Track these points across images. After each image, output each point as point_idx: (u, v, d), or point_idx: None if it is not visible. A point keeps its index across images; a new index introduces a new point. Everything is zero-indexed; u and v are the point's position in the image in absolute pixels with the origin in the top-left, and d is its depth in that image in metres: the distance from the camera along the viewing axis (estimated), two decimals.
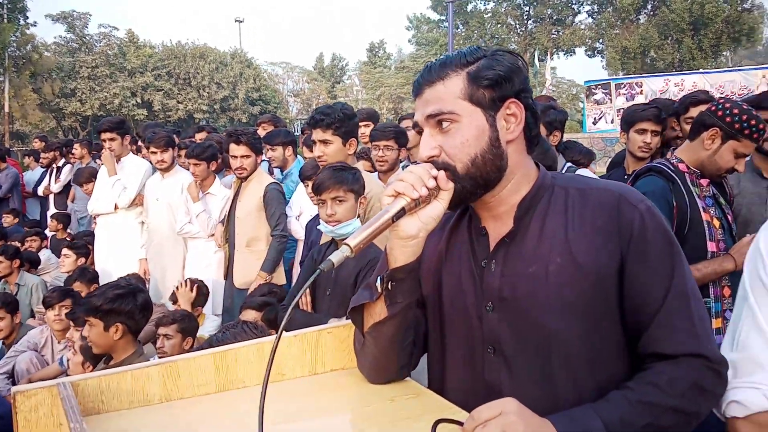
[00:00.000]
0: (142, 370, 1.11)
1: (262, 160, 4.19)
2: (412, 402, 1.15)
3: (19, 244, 6.27)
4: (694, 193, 2.38)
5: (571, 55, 37.69)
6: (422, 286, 1.20)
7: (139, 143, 6.47)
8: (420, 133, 1.13)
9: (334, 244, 2.59)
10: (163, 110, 34.59)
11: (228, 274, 4.11)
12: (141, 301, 2.61)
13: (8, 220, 7.39)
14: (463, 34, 37.99)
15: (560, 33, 36.81)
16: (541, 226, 1.10)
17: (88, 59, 33.36)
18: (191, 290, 3.87)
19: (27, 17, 29.04)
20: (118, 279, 3.20)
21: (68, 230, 6.95)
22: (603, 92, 20.49)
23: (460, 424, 0.94)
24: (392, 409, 1.12)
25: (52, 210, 7.59)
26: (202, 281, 4.07)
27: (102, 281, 4.35)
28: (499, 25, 38.52)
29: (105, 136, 4.87)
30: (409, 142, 3.95)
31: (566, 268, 1.06)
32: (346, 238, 1.04)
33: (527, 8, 37.94)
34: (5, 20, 26.74)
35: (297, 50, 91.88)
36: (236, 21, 41.18)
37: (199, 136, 6.08)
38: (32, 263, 5.69)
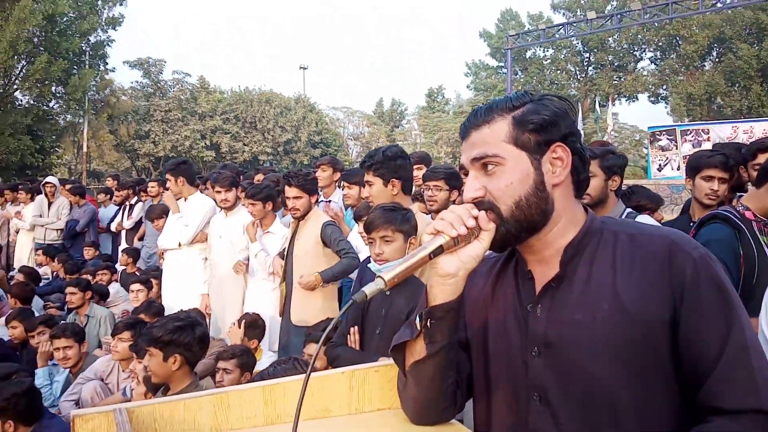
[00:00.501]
0: (195, 400, 1.14)
1: (318, 201, 4.27)
2: None
3: (90, 277, 6.60)
4: (762, 242, 2.28)
5: (633, 101, 37.12)
6: (467, 328, 1.20)
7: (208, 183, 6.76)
8: (466, 175, 1.14)
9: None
10: (230, 152, 35.91)
11: (285, 311, 4.17)
12: (199, 333, 2.69)
13: (89, 253, 7.77)
14: (522, 80, 38.07)
15: (622, 79, 36.36)
16: (589, 271, 1.08)
17: (162, 103, 35.22)
18: (239, 326, 3.95)
19: (107, 63, 30.98)
20: (178, 312, 3.30)
21: (137, 265, 7.26)
22: (668, 138, 19.95)
23: None
24: None
25: (123, 245, 7.93)
26: (258, 315, 4.15)
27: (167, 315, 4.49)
28: (558, 72, 38.44)
29: (167, 177, 5.17)
30: None
31: (614, 316, 1.03)
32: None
33: (587, 54, 37.76)
34: (87, 66, 28.61)
35: (358, 95, 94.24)
36: (301, 68, 42.74)
37: (258, 178, 6.29)
38: (101, 296, 5.95)
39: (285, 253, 4.19)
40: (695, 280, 1.02)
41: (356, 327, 2.52)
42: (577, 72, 38.69)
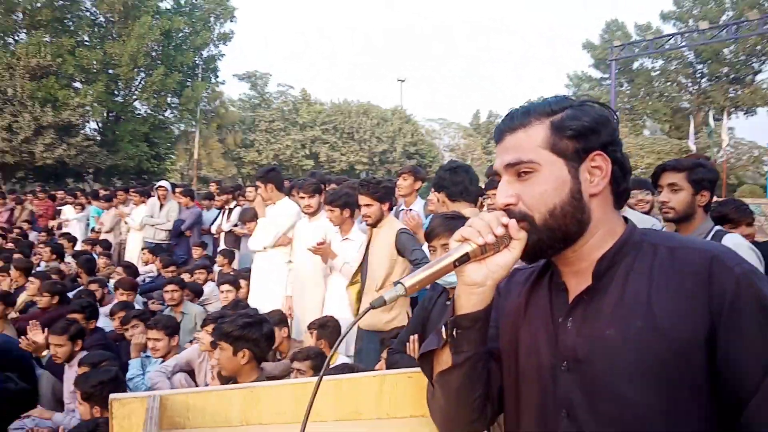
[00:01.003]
0: (225, 392, 1.18)
1: (390, 208, 4.27)
2: None
3: (188, 276, 7.00)
4: None
5: (751, 115, 34.47)
6: (500, 339, 1.16)
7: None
8: (499, 181, 1.10)
9: (445, 293, 2.56)
10: (328, 161, 36.96)
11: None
12: (266, 330, 2.80)
13: (197, 252, 8.25)
14: (628, 91, 36.44)
15: (738, 92, 33.90)
16: (623, 285, 1.02)
17: (267, 114, 36.88)
18: (313, 330, 4.03)
19: (217, 76, 32.86)
20: (248, 309, 3.43)
21: (232, 266, 7.61)
22: None
23: None
24: None
25: (221, 246, 8.35)
26: (331, 317, 4.21)
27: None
28: (668, 83, 36.45)
29: (257, 183, 5.42)
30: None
31: (647, 333, 0.97)
32: (454, 286, 1.04)
33: (700, 66, 35.53)
34: (199, 78, 30.48)
35: (454, 107, 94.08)
36: (398, 80, 43.35)
37: (331, 186, 6.40)
38: (196, 293, 6.29)
39: (362, 259, 4.24)
40: (736, 297, 0.94)
41: (416, 335, 2.50)
42: (689, 84, 36.50)
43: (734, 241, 2.65)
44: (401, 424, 1.24)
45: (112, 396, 1.11)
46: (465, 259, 1.03)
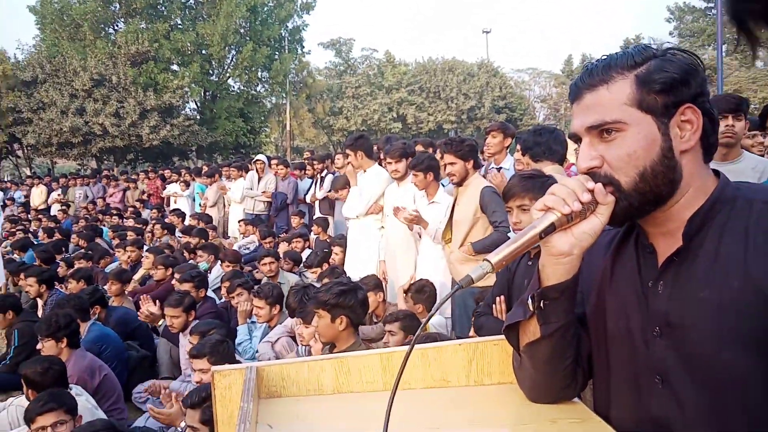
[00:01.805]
0: (318, 363, 1.23)
1: (475, 166, 4.22)
2: (575, 427, 1.07)
3: (286, 245, 7.30)
4: None
5: None
6: (586, 305, 1.12)
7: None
8: (579, 141, 1.03)
9: (527, 255, 2.52)
10: (416, 123, 36.82)
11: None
12: (361, 297, 2.90)
13: (296, 221, 8.56)
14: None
15: None
16: (717, 244, 0.96)
17: (353, 80, 37.15)
18: (407, 293, 4.09)
19: (303, 47, 33.39)
20: (341, 277, 3.53)
21: (328, 233, 7.84)
22: None
23: None
24: (552, 431, 1.07)
25: (317, 215, 8.61)
26: (428, 281, 4.26)
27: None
28: None
29: (347, 151, 5.48)
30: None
31: (745, 295, 0.91)
32: (538, 250, 1.03)
33: None
34: (286, 51, 31.11)
35: (544, 54, 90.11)
36: (483, 32, 42.01)
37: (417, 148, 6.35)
38: (295, 262, 6.55)
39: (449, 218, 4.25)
40: None
41: (502, 296, 2.48)
42: None
43: None
44: (489, 390, 1.24)
45: (214, 368, 1.19)
46: (551, 229, 0.99)
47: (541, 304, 1.05)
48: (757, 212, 0.95)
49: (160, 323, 4.67)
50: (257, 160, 9.69)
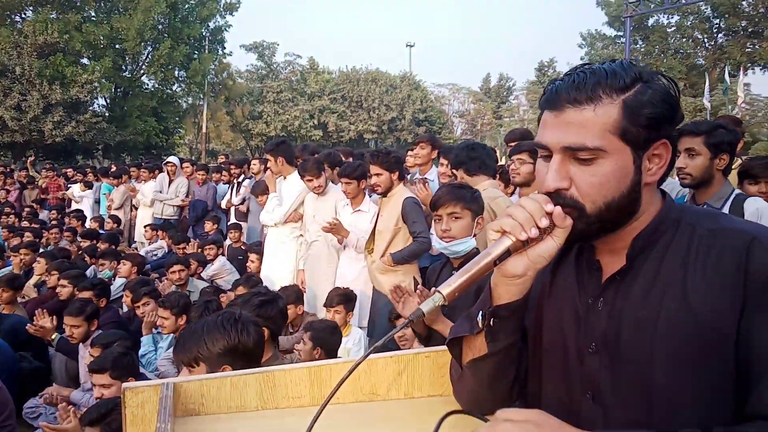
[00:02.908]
0: (241, 378, 1.15)
1: (400, 178, 4.26)
2: None
3: (200, 251, 7.01)
4: None
5: None
6: (527, 317, 1.11)
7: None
8: (546, 156, 0.99)
9: (449, 264, 2.54)
10: (337, 131, 36.78)
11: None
12: (281, 306, 2.83)
13: (209, 226, 8.22)
14: (642, 49, 35.67)
15: (756, 46, 33.03)
16: (658, 266, 0.97)
17: (274, 85, 36.61)
18: (332, 303, 4.03)
19: (224, 48, 32.62)
20: (258, 287, 3.43)
21: (242, 240, 7.62)
22: None
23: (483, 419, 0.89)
24: None
25: (232, 220, 8.35)
26: (349, 288, 4.22)
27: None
28: (684, 39, 35.62)
29: (267, 157, 5.36)
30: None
31: (680, 317, 0.92)
32: (459, 256, 1.00)
33: (717, 21, 34.62)
34: (206, 51, 30.26)
35: (464, 71, 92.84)
36: (407, 46, 42.76)
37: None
38: (201, 263, 6.28)
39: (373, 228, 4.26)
40: None
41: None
42: (705, 39, 35.66)
43: (756, 205, 2.57)
44: (419, 403, 1.21)
45: (124, 385, 1.08)
46: (506, 255, 0.96)
47: (491, 322, 1.03)
48: (698, 238, 0.96)
49: (53, 337, 4.33)
50: (168, 162, 9.28)
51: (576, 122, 0.94)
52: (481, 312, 1.05)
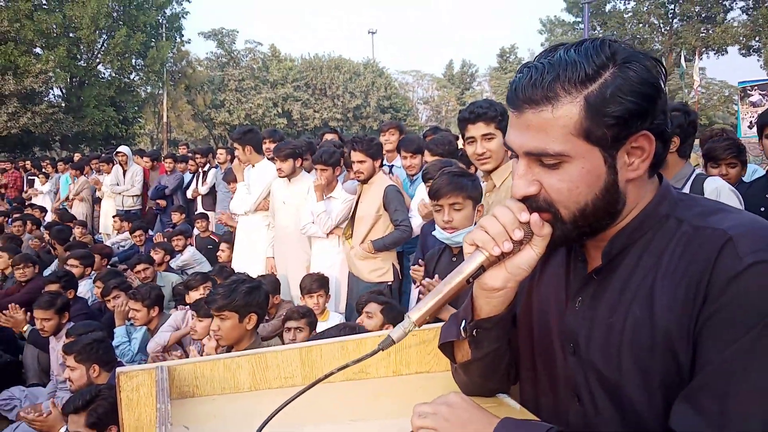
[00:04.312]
0: (234, 360, 1.18)
1: (381, 165, 4.29)
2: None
3: (166, 240, 6.92)
4: None
5: (722, 55, 34.57)
6: (518, 304, 1.07)
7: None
8: (516, 158, 0.92)
9: (448, 250, 2.57)
10: (301, 119, 36.44)
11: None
12: (265, 292, 2.88)
13: (176, 217, 8.08)
14: (600, 35, 36.24)
15: (710, 31, 33.93)
16: (634, 267, 0.90)
17: (236, 73, 36.00)
18: (306, 287, 4.05)
19: (183, 35, 31.86)
20: (238, 275, 3.45)
21: (210, 229, 7.54)
22: (760, 93, 18.53)
23: None
24: None
25: (199, 210, 8.25)
26: (322, 274, 4.23)
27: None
28: (641, 25, 36.34)
29: (234, 146, 5.33)
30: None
31: (644, 326, 0.86)
32: (459, 245, 1.01)
33: (672, 6, 35.35)
34: (164, 38, 29.55)
35: (427, 58, 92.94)
36: (369, 32, 42.50)
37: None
38: (168, 252, 6.18)
39: (351, 215, 4.28)
40: (735, 292, 0.78)
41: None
42: (661, 25, 36.42)
43: (715, 184, 2.67)
44: (407, 380, 1.26)
45: (119, 370, 1.10)
46: (480, 272, 0.92)
47: (474, 332, 1.02)
48: (679, 236, 0.87)
49: (24, 328, 4.26)
50: (119, 152, 9.20)
51: (534, 125, 0.86)
52: (464, 322, 1.03)
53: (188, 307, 4.25)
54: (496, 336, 1.01)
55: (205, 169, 8.57)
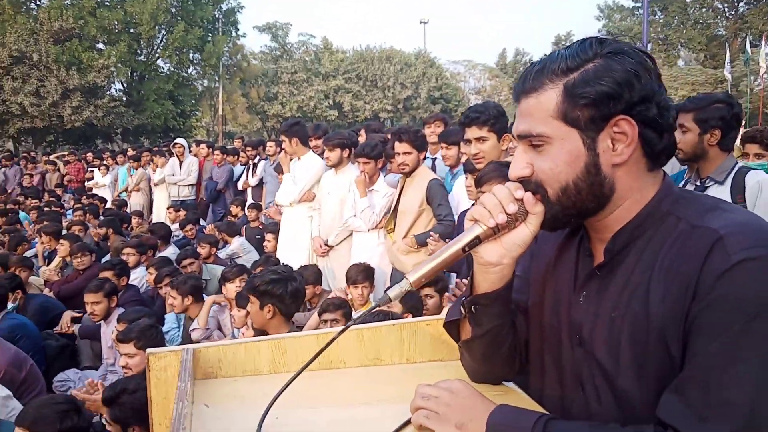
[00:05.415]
0: (254, 344, 1.25)
1: (425, 157, 4.30)
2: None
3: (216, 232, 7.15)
4: None
5: None
6: (529, 292, 1.13)
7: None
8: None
9: None
10: (352, 111, 36.69)
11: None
12: (292, 288, 2.85)
13: (235, 209, 8.31)
14: (661, 20, 34.98)
15: None
16: (636, 263, 0.94)
17: (289, 66, 36.55)
18: (351, 278, 4.09)
19: (238, 29, 32.62)
20: (279, 265, 3.52)
21: (260, 220, 7.73)
22: None
23: None
24: None
25: (249, 201, 8.47)
26: (368, 264, 4.28)
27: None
28: (704, 9, 34.87)
29: (281, 138, 5.44)
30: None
31: (641, 321, 0.90)
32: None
33: None
34: (220, 33, 30.28)
35: (479, 48, 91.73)
36: (421, 23, 42.28)
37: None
38: (211, 245, 6.35)
39: (393, 208, 4.30)
40: (722, 290, 0.82)
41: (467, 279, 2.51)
42: (726, 9, 34.89)
43: (757, 178, 2.60)
44: (421, 367, 1.30)
45: (148, 351, 1.18)
46: (476, 242, 0.98)
47: (473, 309, 1.06)
48: (677, 234, 0.91)
49: (74, 328, 4.51)
50: (176, 143, 9.51)
51: (525, 111, 0.97)
52: (462, 299, 1.09)
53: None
54: (495, 313, 1.06)
55: (255, 161, 8.79)
